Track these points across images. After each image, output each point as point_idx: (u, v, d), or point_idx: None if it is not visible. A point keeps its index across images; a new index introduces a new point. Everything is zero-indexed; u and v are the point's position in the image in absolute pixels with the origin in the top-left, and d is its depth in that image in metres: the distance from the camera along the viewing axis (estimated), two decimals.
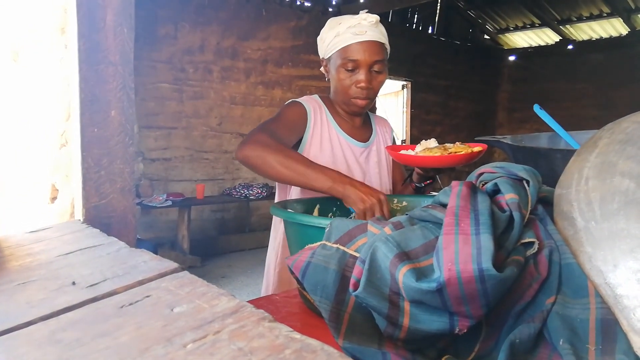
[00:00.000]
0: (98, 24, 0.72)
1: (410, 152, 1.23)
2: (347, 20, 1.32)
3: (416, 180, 1.36)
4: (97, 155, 0.73)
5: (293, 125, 1.32)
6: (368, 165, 1.45)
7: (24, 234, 0.68)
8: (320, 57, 1.43)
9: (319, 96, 1.46)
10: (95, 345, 0.34)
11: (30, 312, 0.40)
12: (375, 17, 1.32)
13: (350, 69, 1.31)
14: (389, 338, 0.58)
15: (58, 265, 0.53)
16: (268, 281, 1.39)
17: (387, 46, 1.37)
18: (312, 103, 1.40)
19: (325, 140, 1.38)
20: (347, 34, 1.30)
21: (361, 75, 1.31)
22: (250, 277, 4.81)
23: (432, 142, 1.25)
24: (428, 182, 1.35)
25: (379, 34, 1.33)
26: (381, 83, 1.37)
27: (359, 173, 1.41)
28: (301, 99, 1.41)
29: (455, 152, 1.14)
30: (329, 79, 1.42)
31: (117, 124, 0.74)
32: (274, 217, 1.42)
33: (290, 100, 1.41)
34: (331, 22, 1.37)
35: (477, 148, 1.15)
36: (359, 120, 1.47)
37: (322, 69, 1.45)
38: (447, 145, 1.19)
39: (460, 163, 1.15)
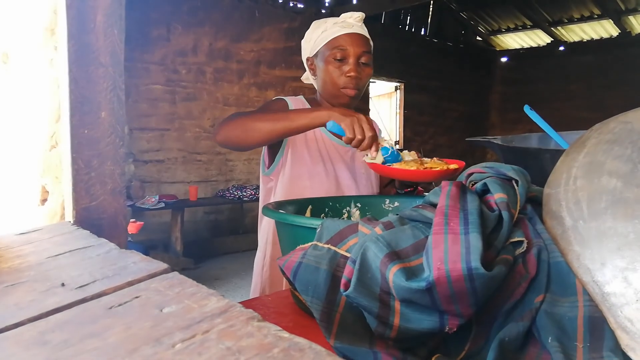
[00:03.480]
0: (88, 25, 0.72)
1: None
2: (332, 18, 1.37)
3: (397, 186, 1.37)
4: (88, 156, 0.72)
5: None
6: (354, 165, 1.45)
7: (13, 235, 0.68)
8: (305, 58, 1.45)
9: (305, 97, 1.46)
10: (83, 346, 0.34)
11: (19, 314, 0.40)
12: (360, 14, 1.36)
13: (339, 58, 1.32)
14: (379, 337, 0.58)
15: (47, 266, 0.52)
16: (256, 283, 1.39)
17: (371, 43, 1.40)
18: (296, 102, 1.41)
19: (310, 140, 1.38)
20: (335, 27, 1.34)
21: (350, 64, 1.33)
22: (244, 279, 4.80)
23: (412, 155, 1.23)
24: (409, 189, 1.35)
25: (364, 30, 1.37)
26: (368, 76, 1.39)
27: (345, 172, 1.41)
28: (286, 97, 1.42)
29: (431, 168, 1.13)
30: (315, 78, 1.43)
31: (107, 125, 0.74)
32: (259, 219, 1.42)
33: (275, 97, 1.42)
34: (316, 23, 1.40)
35: (453, 165, 1.14)
36: None
37: (304, 76, 1.49)
38: (425, 159, 1.19)
39: (435, 179, 1.13)
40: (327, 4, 7.21)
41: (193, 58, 5.87)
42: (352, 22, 1.35)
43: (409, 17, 8.75)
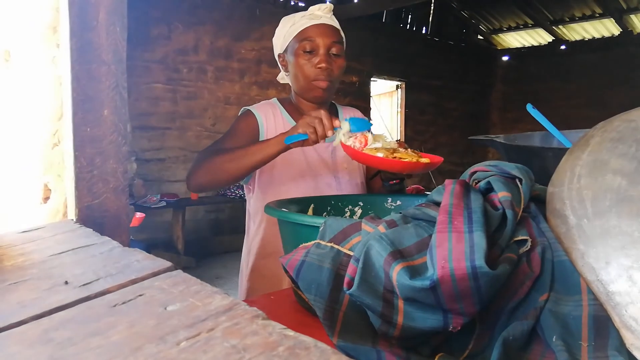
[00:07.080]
0: (90, 23, 0.72)
1: (357, 145, 1.15)
2: (300, 12, 1.37)
3: (383, 177, 1.31)
4: (90, 154, 0.72)
5: (242, 135, 1.33)
6: (335, 159, 1.41)
7: (16, 233, 0.68)
8: (277, 55, 1.43)
9: (278, 99, 1.45)
10: (87, 344, 0.34)
11: (22, 312, 0.40)
12: (328, 5, 1.35)
13: (308, 50, 1.31)
14: (383, 336, 0.58)
15: (50, 264, 0.52)
16: (240, 293, 1.38)
17: (343, 34, 1.38)
18: (264, 108, 1.39)
19: None
20: (303, 20, 1.33)
21: (320, 56, 1.31)
22: None
23: (391, 144, 1.16)
24: (394, 181, 1.29)
25: (334, 21, 1.36)
26: (341, 68, 1.36)
27: (324, 169, 1.38)
28: (253, 107, 1.40)
29: (400, 158, 1.08)
30: (288, 74, 1.41)
31: (110, 123, 0.74)
32: (247, 221, 1.42)
33: (242, 109, 1.41)
34: (285, 19, 1.40)
35: (424, 159, 1.10)
36: None
37: (279, 76, 1.47)
38: (398, 149, 1.13)
39: (401, 170, 1.10)
40: (327, 3, 7.20)
41: (194, 57, 5.86)
42: (320, 14, 1.33)
43: (410, 16, 8.73)
